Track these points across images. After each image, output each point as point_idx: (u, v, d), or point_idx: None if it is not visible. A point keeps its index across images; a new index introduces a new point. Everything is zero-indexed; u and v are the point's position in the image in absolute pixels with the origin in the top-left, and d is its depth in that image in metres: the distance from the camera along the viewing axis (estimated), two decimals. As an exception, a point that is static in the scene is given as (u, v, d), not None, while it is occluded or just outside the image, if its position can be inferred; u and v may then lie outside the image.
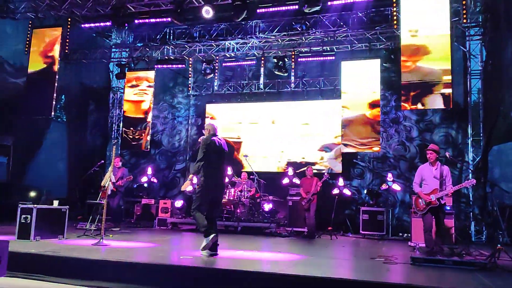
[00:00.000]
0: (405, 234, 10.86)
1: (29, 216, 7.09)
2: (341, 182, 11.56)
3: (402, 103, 10.05)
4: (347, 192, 11.73)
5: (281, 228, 11.08)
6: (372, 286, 4.43)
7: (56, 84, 11.32)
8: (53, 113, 11.53)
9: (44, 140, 13.30)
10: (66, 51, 12.16)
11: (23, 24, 11.82)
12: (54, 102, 11.29)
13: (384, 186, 11.59)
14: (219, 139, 6.35)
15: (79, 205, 11.69)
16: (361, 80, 11.73)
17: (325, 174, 10.40)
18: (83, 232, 8.37)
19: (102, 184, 9.17)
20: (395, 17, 10.84)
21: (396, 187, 11.50)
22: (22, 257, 5.44)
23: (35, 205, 7.16)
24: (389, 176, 11.60)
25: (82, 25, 12.02)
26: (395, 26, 10.84)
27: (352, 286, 4.38)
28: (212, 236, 6.00)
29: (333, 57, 12.52)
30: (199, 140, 6.35)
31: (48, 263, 5.37)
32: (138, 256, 6.09)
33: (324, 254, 7.46)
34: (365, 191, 12.72)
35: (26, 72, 11.88)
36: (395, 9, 10.69)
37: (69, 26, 11.70)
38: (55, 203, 7.72)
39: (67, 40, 11.79)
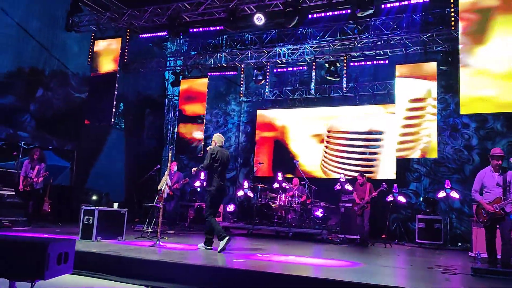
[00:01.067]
0: (465, 245, 10.38)
1: (91, 217, 7.47)
2: (395, 189, 11.25)
3: (461, 107, 9.62)
4: (401, 199, 11.39)
5: (333, 235, 10.94)
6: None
7: (115, 93, 11.86)
8: (113, 120, 12.08)
9: (105, 146, 13.99)
10: (125, 60, 12.73)
11: (86, 37, 12.53)
12: (114, 110, 11.82)
13: (441, 194, 11.16)
14: (224, 150, 7.34)
15: (136, 208, 12.15)
16: (417, 83, 11.39)
17: (383, 184, 10.12)
18: (140, 234, 8.70)
19: (158, 188, 9.51)
20: (452, 18, 10.45)
21: (455, 194, 11.03)
22: (86, 256, 5.74)
23: (97, 207, 7.55)
24: (447, 183, 11.16)
25: (140, 36, 12.57)
26: (453, 28, 10.44)
27: (409, 295, 4.26)
28: (226, 238, 6.75)
29: (387, 61, 12.26)
30: (207, 149, 7.37)
31: (109, 262, 5.64)
32: (192, 258, 6.24)
33: (379, 262, 7.28)
34: (421, 199, 12.29)
35: (88, 81, 12.56)
36: (452, 10, 10.29)
37: (128, 37, 12.26)
38: (115, 206, 8.09)
39: (126, 50, 12.35)
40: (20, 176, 9.77)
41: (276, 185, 12.27)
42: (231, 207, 12.97)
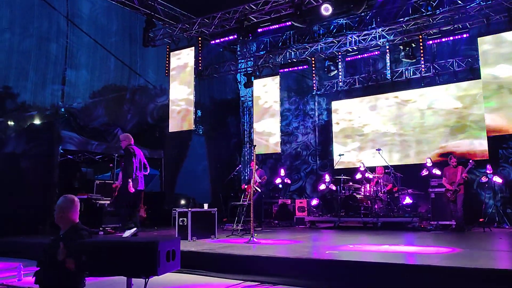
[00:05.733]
0: None
1: (185, 219, 7.88)
2: (489, 169, 10.54)
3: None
4: (497, 179, 10.63)
5: (424, 222, 10.49)
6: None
7: (194, 100, 12.36)
8: (193, 127, 12.59)
9: (188, 152, 14.64)
10: (200, 68, 13.21)
11: (162, 50, 13.22)
12: (194, 116, 12.32)
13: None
14: (136, 147, 7.59)
15: (223, 208, 12.57)
16: (504, 55, 10.57)
17: (470, 161, 9.57)
18: (231, 232, 9.01)
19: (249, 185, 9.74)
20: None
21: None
22: (185, 255, 6.06)
23: (190, 209, 7.94)
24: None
25: (211, 42, 12.99)
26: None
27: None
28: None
29: (467, 35, 11.50)
30: (123, 148, 7.59)
31: (207, 260, 5.92)
32: (284, 251, 6.35)
33: (480, 246, 6.89)
34: (521, 177, 11.39)
35: (168, 93, 13.23)
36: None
37: (200, 45, 12.72)
38: (205, 206, 8.46)
39: (200, 58, 12.83)
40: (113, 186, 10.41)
41: (358, 175, 12.04)
42: (315, 201, 12.94)
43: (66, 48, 11.50)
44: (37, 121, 10.90)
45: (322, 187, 13.63)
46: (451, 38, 11.83)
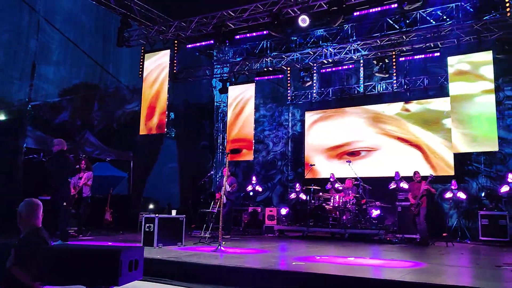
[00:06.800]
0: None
1: (152, 225, 7.74)
2: (454, 185, 10.83)
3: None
4: (461, 195, 10.94)
5: (390, 235, 10.67)
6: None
7: (167, 103, 12.20)
8: (165, 130, 12.43)
9: (158, 155, 14.42)
10: (174, 71, 13.07)
11: (137, 51, 13.00)
12: (166, 119, 12.16)
13: (504, 188, 10.62)
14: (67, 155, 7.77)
15: (192, 214, 12.44)
16: (471, 74, 10.92)
17: (430, 174, 9.81)
18: (198, 240, 8.90)
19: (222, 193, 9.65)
20: (507, 4, 9.93)
21: (520, 188, 10.45)
22: (150, 263, 5.95)
23: (157, 215, 7.80)
24: (510, 177, 10.59)
25: (187, 46, 12.88)
26: (508, 14, 9.92)
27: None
28: None
29: (438, 54, 11.82)
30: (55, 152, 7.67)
31: (173, 268, 5.82)
32: (252, 262, 6.31)
33: (442, 261, 7.04)
34: (483, 194, 11.74)
35: (141, 94, 13.02)
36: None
37: (176, 48, 12.59)
38: (173, 213, 8.33)
39: (175, 61, 12.69)
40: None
41: (328, 186, 12.16)
42: (284, 210, 12.98)
43: (36, 44, 11.17)
44: (2, 117, 10.53)
45: (293, 196, 13.69)
46: (423, 56, 12.13)
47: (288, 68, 14.06)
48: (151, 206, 13.08)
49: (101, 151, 12.58)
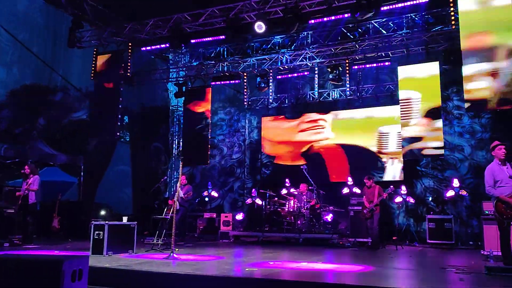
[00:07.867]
0: (477, 243, 10.29)
1: (101, 232, 7.47)
2: (403, 190, 11.21)
3: (465, 104, 9.60)
4: (411, 199, 11.34)
5: (343, 239, 10.89)
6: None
7: (120, 106, 11.91)
8: (118, 134, 12.12)
9: (111, 160, 14.02)
10: (128, 74, 12.76)
11: (89, 52, 12.61)
12: (118, 123, 11.87)
13: (450, 193, 11.11)
14: None
15: (145, 221, 12.14)
16: (420, 83, 11.40)
17: (391, 187, 10.07)
18: (150, 247, 8.70)
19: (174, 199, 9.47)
20: (452, 17, 10.44)
21: (464, 192, 10.97)
22: (98, 272, 5.74)
23: (106, 222, 7.55)
24: (455, 182, 11.09)
25: (142, 49, 12.64)
26: (453, 27, 10.45)
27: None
28: None
29: (389, 63, 12.27)
30: None
31: (123, 277, 5.63)
32: (206, 268, 6.23)
33: (391, 264, 7.24)
34: (430, 199, 12.22)
35: (92, 96, 12.64)
36: (452, 9, 10.29)
37: (130, 50, 12.32)
38: (124, 219, 8.10)
39: (129, 64, 12.42)
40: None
41: (284, 191, 12.24)
42: (239, 216, 12.96)
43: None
44: None
45: (248, 201, 13.69)
46: (375, 65, 12.55)
47: (245, 74, 14.09)
48: (102, 213, 12.65)
49: (50, 155, 12.06)
